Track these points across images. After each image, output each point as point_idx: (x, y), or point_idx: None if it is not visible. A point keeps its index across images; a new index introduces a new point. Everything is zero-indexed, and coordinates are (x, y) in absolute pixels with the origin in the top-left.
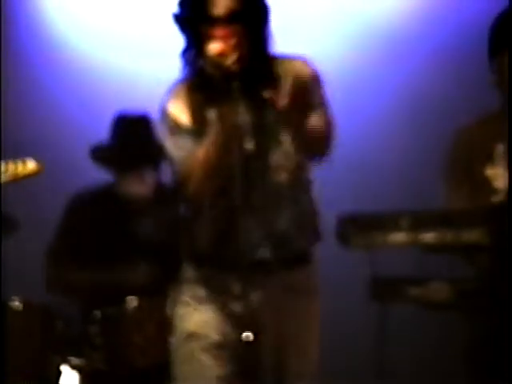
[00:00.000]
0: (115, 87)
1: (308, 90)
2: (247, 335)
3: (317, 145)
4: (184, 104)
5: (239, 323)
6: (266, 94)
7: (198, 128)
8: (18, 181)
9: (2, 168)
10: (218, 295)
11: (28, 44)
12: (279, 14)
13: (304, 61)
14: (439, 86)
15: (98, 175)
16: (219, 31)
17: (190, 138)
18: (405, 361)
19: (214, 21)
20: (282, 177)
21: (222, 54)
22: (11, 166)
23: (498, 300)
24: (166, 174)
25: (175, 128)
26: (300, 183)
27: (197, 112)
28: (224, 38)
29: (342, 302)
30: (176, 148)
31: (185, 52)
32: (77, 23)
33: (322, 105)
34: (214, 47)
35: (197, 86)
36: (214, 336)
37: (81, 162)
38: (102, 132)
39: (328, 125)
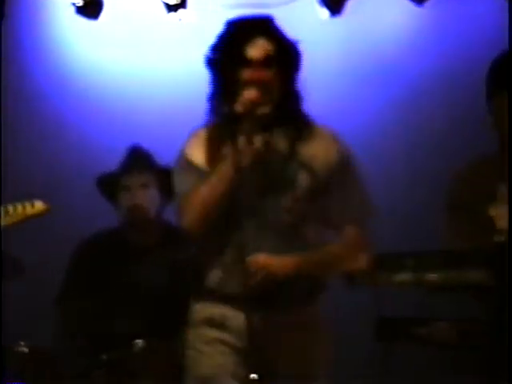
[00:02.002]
0: (125, 107)
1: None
2: (253, 376)
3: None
4: (200, 146)
5: (250, 360)
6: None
7: (210, 168)
8: (27, 220)
9: (11, 209)
10: (229, 335)
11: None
12: None
13: (333, 131)
14: (434, 122)
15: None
16: (255, 74)
17: (198, 177)
18: None
19: (251, 64)
20: (292, 219)
21: (255, 102)
22: (20, 208)
23: (503, 340)
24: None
25: (188, 167)
26: (310, 232)
27: (214, 155)
28: (259, 83)
29: (347, 341)
30: (181, 183)
31: (212, 97)
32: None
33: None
34: (250, 93)
35: (219, 128)
36: (227, 378)
37: (87, 204)
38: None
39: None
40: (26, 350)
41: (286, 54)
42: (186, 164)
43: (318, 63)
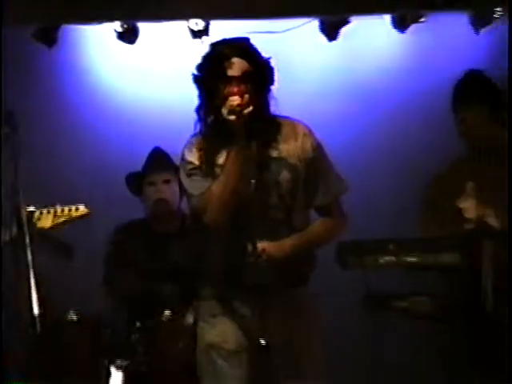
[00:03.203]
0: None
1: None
2: (263, 342)
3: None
4: (198, 151)
5: (250, 333)
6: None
7: (209, 170)
8: (71, 222)
9: (59, 210)
10: (230, 310)
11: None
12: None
13: (306, 126)
14: (412, 131)
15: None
16: (235, 88)
17: (203, 179)
18: (393, 365)
19: (231, 80)
20: (279, 214)
21: (240, 106)
22: (66, 210)
23: (471, 312)
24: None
25: (191, 171)
26: (297, 218)
27: (208, 158)
28: (239, 94)
29: (340, 315)
30: (193, 187)
31: (199, 108)
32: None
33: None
34: (234, 99)
35: (209, 137)
36: (229, 345)
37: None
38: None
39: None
40: (75, 318)
41: (261, 70)
42: (191, 170)
43: (315, 82)
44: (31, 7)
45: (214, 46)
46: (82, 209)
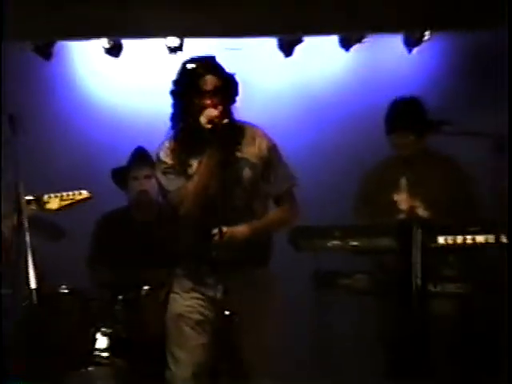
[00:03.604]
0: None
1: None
2: (227, 313)
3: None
4: (172, 153)
5: (214, 306)
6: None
7: (182, 170)
8: (75, 205)
9: (65, 195)
10: (198, 286)
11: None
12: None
13: (262, 130)
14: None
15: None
16: (209, 101)
17: (176, 177)
18: (338, 333)
19: (205, 94)
20: (243, 204)
21: (217, 117)
22: (71, 194)
23: (403, 288)
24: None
25: (166, 170)
26: (257, 208)
27: (181, 158)
28: (214, 106)
29: (293, 290)
30: (169, 184)
31: (173, 116)
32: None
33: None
34: (212, 111)
35: (182, 141)
36: (195, 316)
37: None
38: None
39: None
40: (66, 290)
41: (228, 84)
42: (166, 169)
43: (274, 93)
44: (31, 24)
45: (186, 63)
46: (85, 193)
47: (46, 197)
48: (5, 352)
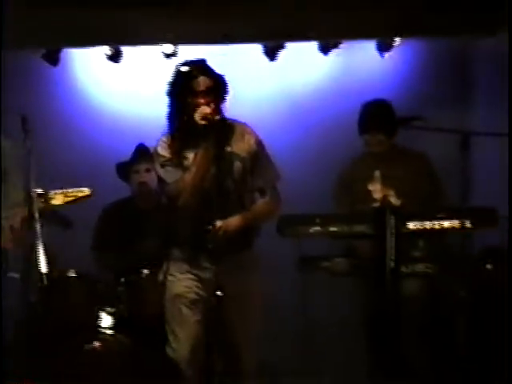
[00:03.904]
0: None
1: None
2: (218, 293)
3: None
4: (169, 147)
5: (208, 287)
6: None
7: (179, 162)
8: (78, 202)
9: (68, 192)
10: (193, 269)
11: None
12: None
13: (249, 127)
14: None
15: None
16: (202, 100)
17: (174, 169)
18: (320, 312)
19: (198, 93)
20: (233, 195)
21: (211, 114)
22: (74, 192)
23: (378, 269)
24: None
25: (164, 163)
26: (246, 200)
27: (177, 152)
28: (207, 104)
29: (278, 273)
30: (167, 176)
31: (170, 114)
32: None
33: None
34: (205, 109)
35: (178, 136)
36: (191, 295)
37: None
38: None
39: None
40: (74, 274)
41: (219, 85)
42: (164, 162)
43: (258, 95)
44: (36, 32)
45: (180, 66)
46: (86, 190)
47: (51, 193)
48: (5, 352)
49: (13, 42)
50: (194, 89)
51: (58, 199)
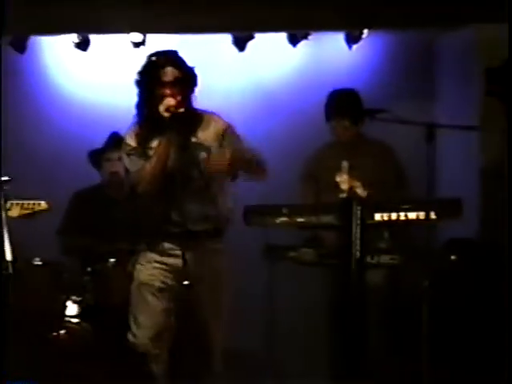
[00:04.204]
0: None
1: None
2: (186, 283)
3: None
4: (136, 137)
5: (175, 275)
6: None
7: (143, 152)
8: (34, 215)
9: (26, 204)
10: (161, 257)
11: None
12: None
13: (217, 115)
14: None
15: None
16: (169, 91)
17: (138, 158)
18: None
19: (165, 84)
20: (200, 184)
21: (175, 106)
22: (31, 204)
23: (344, 260)
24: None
25: (129, 152)
26: (215, 187)
27: (143, 142)
28: (173, 96)
29: (246, 262)
30: (131, 165)
31: (138, 104)
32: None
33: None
34: (170, 101)
35: (144, 126)
36: (157, 283)
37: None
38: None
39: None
40: (40, 262)
41: (188, 76)
42: (130, 151)
43: (228, 86)
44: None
45: (150, 56)
46: (43, 204)
47: (8, 203)
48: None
49: None
50: (161, 79)
51: (14, 211)
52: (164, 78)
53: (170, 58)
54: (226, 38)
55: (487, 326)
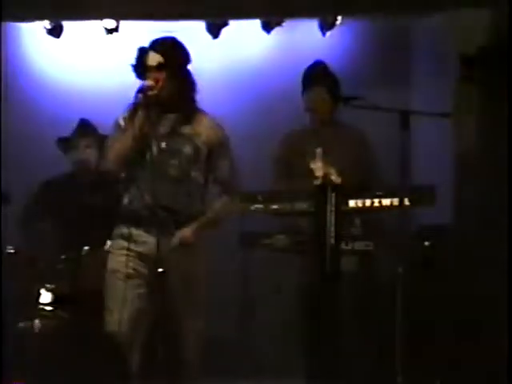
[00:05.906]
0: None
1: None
2: (160, 270)
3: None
4: (126, 118)
5: (144, 262)
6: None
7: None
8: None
9: None
10: (131, 244)
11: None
12: None
13: (217, 123)
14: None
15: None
16: (152, 74)
17: (119, 133)
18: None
19: (149, 69)
20: (177, 174)
21: (149, 88)
22: None
23: (318, 246)
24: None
25: (117, 129)
26: (192, 177)
27: (129, 123)
28: (155, 80)
29: (221, 248)
30: (110, 138)
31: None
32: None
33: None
34: (145, 82)
35: (136, 108)
36: (127, 270)
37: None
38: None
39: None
40: (12, 251)
41: (171, 63)
42: (117, 128)
43: (205, 71)
44: None
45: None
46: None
47: None
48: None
49: None
50: (145, 63)
51: None
52: (146, 62)
53: (157, 43)
54: (200, 25)
55: (461, 312)
